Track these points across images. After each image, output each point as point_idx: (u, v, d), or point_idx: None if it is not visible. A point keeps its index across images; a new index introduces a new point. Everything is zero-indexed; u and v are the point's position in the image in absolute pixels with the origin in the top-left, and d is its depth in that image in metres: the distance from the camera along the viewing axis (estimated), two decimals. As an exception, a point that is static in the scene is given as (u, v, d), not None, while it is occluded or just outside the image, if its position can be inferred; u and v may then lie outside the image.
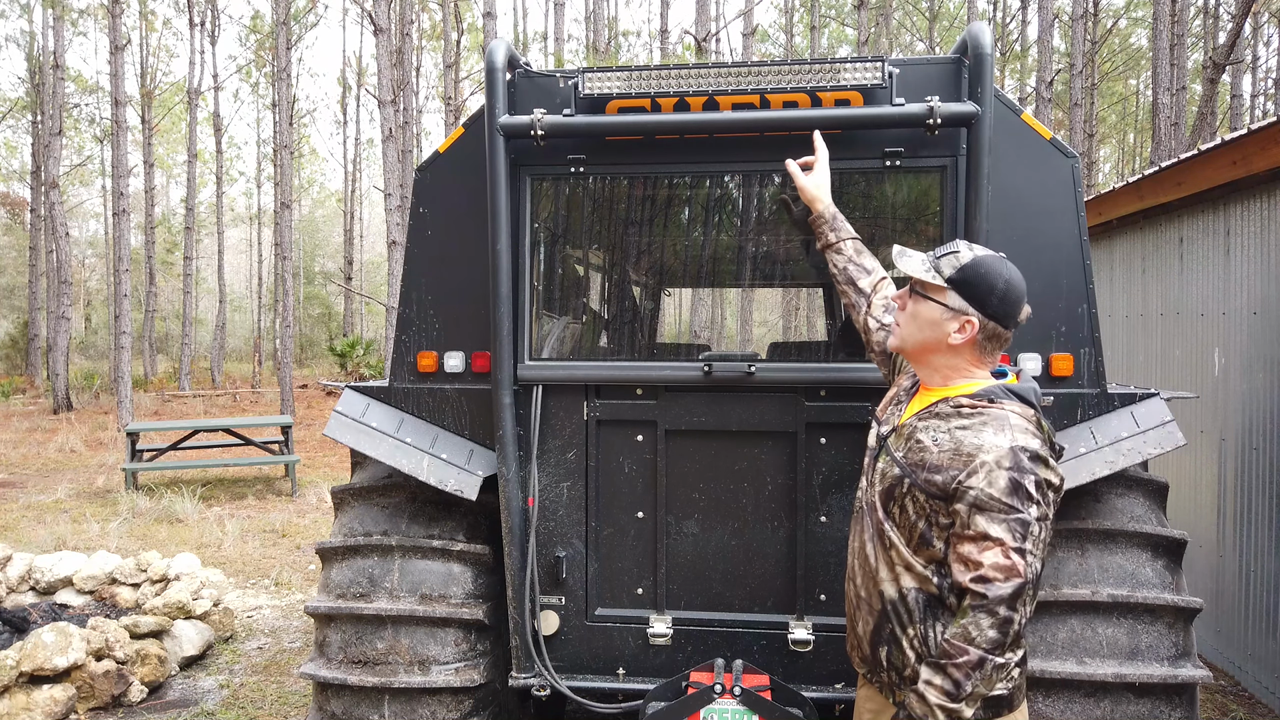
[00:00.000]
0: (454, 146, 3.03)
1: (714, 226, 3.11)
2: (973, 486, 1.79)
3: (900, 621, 1.95)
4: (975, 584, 1.76)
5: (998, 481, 1.78)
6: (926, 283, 1.98)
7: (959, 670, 1.76)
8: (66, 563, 5.46)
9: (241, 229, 39.94)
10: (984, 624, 1.75)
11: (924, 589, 1.92)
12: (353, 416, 3.06)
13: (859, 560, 2.07)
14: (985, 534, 1.77)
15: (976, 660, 1.75)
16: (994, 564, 1.75)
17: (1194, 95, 20.41)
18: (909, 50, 29.19)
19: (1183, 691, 2.69)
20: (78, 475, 11.72)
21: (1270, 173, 4.37)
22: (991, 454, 1.80)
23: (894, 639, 1.97)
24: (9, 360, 28.84)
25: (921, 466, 1.90)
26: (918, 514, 1.90)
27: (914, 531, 1.92)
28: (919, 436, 1.94)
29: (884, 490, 1.99)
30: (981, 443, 1.82)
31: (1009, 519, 1.76)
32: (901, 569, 1.94)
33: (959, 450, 1.85)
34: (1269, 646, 4.42)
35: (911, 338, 2.02)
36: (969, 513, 1.80)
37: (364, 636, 2.94)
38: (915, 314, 2.00)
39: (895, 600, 1.96)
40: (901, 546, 1.94)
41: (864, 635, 2.05)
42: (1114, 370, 6.26)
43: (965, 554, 1.80)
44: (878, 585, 1.99)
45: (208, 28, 27.46)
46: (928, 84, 2.75)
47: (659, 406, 2.97)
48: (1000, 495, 1.77)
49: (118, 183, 16.86)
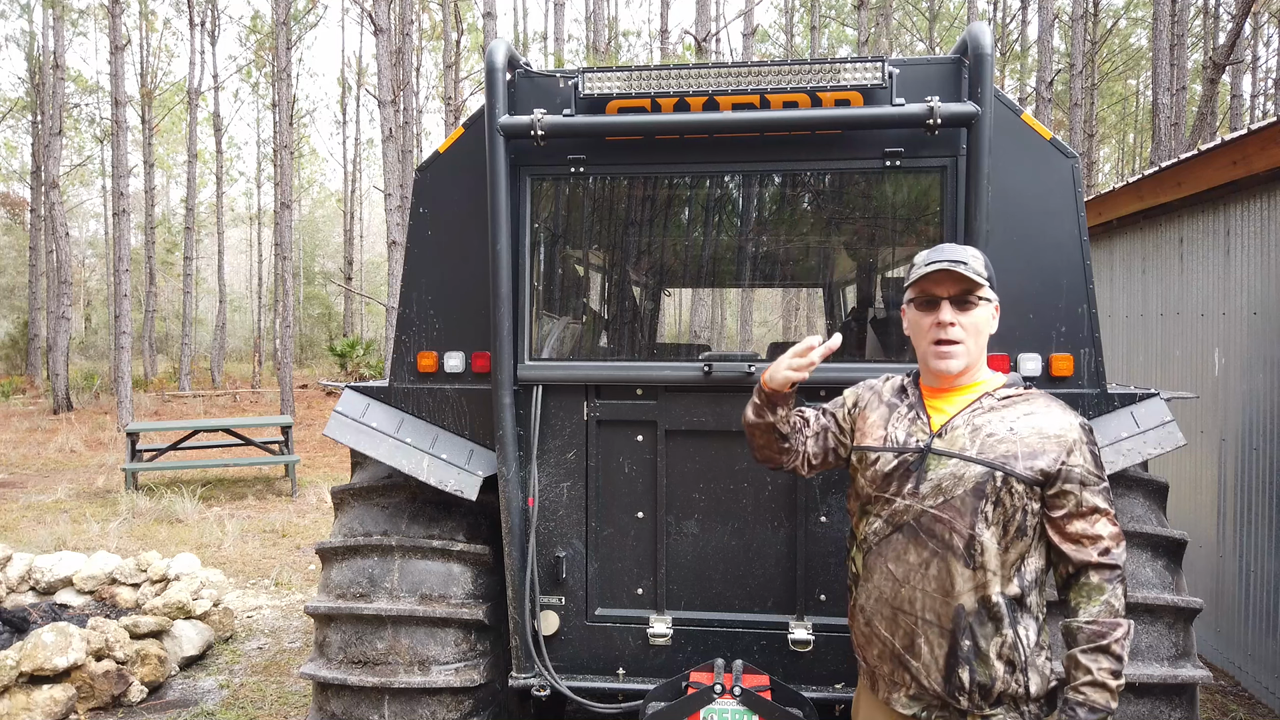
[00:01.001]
0: (454, 146, 3.03)
1: (714, 226, 3.11)
2: (1075, 464, 1.88)
3: (984, 633, 1.90)
4: (1104, 556, 1.85)
5: (1088, 455, 1.90)
6: (979, 285, 1.99)
7: (1120, 645, 1.82)
8: (66, 563, 5.45)
9: (241, 229, 39.93)
10: (1120, 592, 1.84)
11: (1006, 592, 1.90)
12: (353, 416, 3.06)
13: (917, 581, 1.96)
14: (1095, 507, 1.87)
15: (1127, 629, 1.83)
16: (1111, 534, 1.86)
17: (1194, 95, 20.41)
18: (909, 50, 29.18)
19: (1183, 691, 2.69)
20: (78, 475, 11.72)
21: (1270, 173, 4.37)
22: (1073, 432, 1.91)
23: (977, 654, 1.90)
24: (9, 360, 28.84)
25: (1014, 456, 1.90)
26: (1015, 505, 1.90)
27: (1010, 525, 1.90)
28: (990, 430, 1.94)
29: (968, 492, 1.91)
30: (1061, 422, 1.92)
31: (1101, 488, 1.90)
32: (989, 574, 1.90)
33: (1044, 433, 1.91)
34: (1269, 646, 4.41)
35: (977, 348, 2.03)
36: (1079, 490, 1.88)
37: (364, 636, 2.94)
38: (976, 323, 2.01)
39: (975, 611, 1.90)
40: (992, 548, 1.90)
41: (934, 662, 1.94)
42: (1114, 370, 6.26)
43: (1079, 531, 1.87)
44: (952, 601, 1.92)
45: (208, 28, 27.46)
46: (928, 84, 2.75)
47: (659, 406, 2.97)
48: (1093, 469, 1.90)
49: (118, 183, 16.86)
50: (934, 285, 2.01)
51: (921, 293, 2.03)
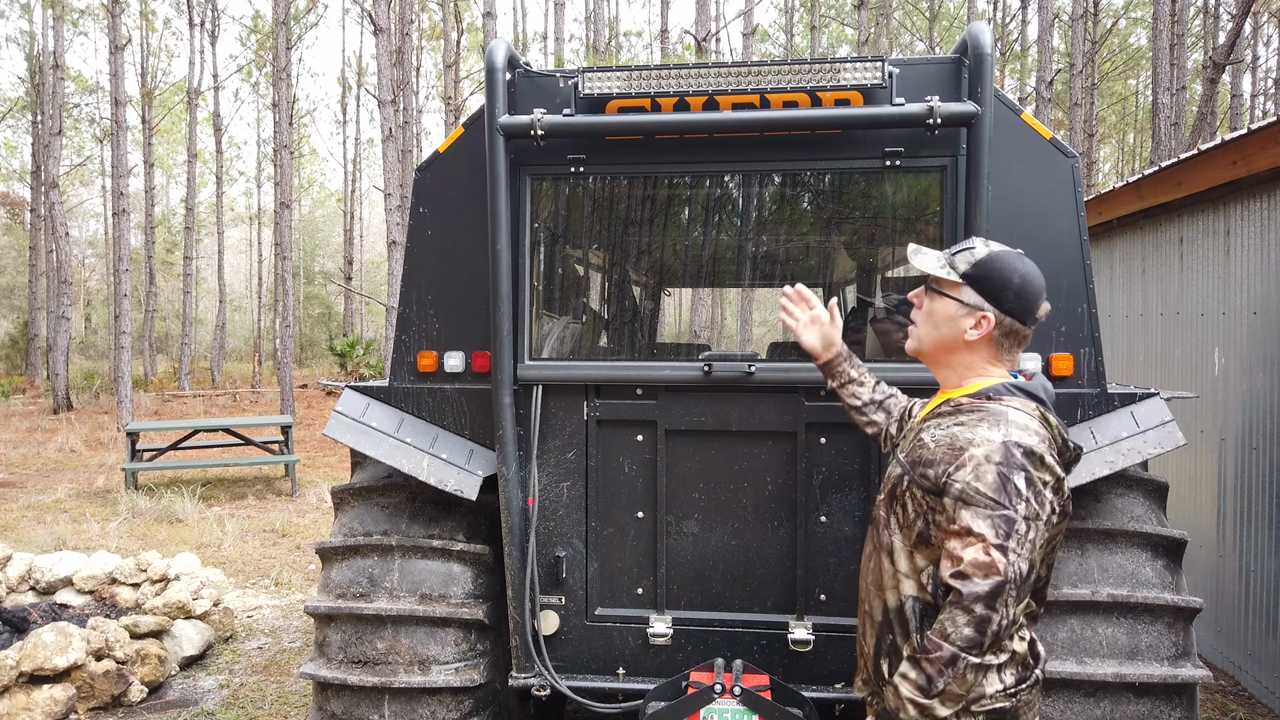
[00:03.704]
0: (454, 146, 3.03)
1: (714, 226, 3.11)
2: (958, 480, 1.76)
3: (900, 631, 1.92)
4: (954, 579, 1.72)
5: (985, 476, 1.73)
6: (942, 279, 1.96)
7: (931, 665, 1.72)
8: (66, 563, 5.45)
9: (241, 229, 39.92)
10: (960, 620, 1.70)
11: (920, 597, 1.89)
12: (353, 416, 3.06)
13: (865, 573, 2.05)
14: (969, 529, 1.72)
15: (949, 657, 1.70)
16: (973, 560, 1.70)
17: (1194, 95, 20.40)
18: (909, 50, 29.18)
19: (1182, 691, 2.69)
20: (78, 475, 11.72)
21: (1270, 172, 4.37)
22: (982, 448, 1.76)
23: (894, 650, 1.93)
24: (9, 360, 28.84)
25: (919, 462, 1.88)
26: (916, 512, 1.88)
27: (913, 531, 1.89)
28: (922, 435, 1.94)
29: (888, 491, 1.98)
30: (974, 437, 1.79)
31: (993, 515, 1.71)
32: (902, 576, 1.91)
33: (953, 444, 1.82)
34: (1269, 646, 4.41)
35: (928, 337, 2.00)
36: (954, 506, 1.76)
37: (364, 636, 2.94)
38: (931, 312, 1.98)
39: (895, 610, 1.93)
40: (900, 550, 1.92)
41: (869, 650, 2.01)
42: (1114, 370, 6.26)
43: (950, 549, 1.76)
44: (881, 595, 1.97)
45: (208, 27, 27.45)
46: (928, 84, 2.75)
47: (659, 406, 2.97)
48: (986, 490, 1.72)
49: (118, 182, 16.86)
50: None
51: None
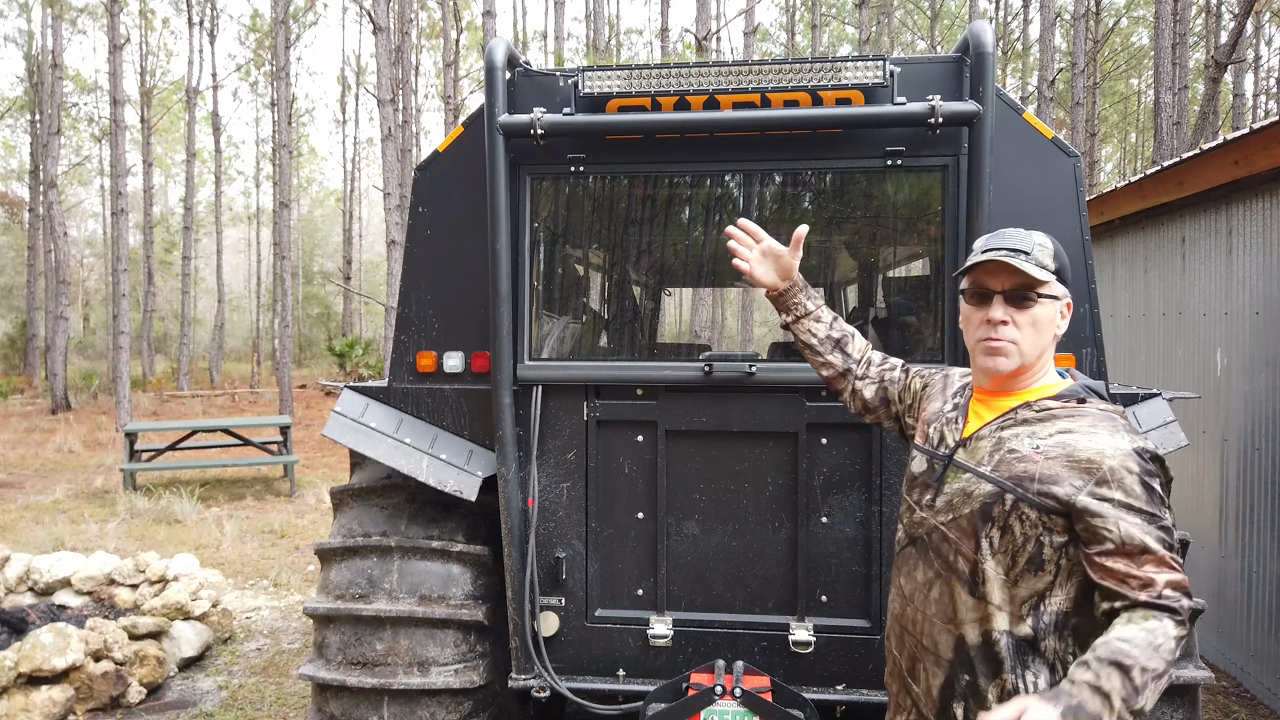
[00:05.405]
0: (453, 146, 3.02)
1: (714, 226, 3.10)
2: (1110, 496, 1.59)
3: (984, 671, 1.70)
4: (1157, 599, 1.55)
5: (1133, 488, 1.59)
6: (1041, 282, 1.72)
7: (1142, 676, 1.48)
8: (65, 563, 5.44)
9: (240, 228, 39.91)
10: (1170, 630, 1.53)
11: (1014, 632, 1.68)
12: (352, 417, 3.05)
13: (920, 602, 1.80)
14: (1144, 546, 1.57)
15: (1161, 671, 1.50)
16: (1169, 580, 1.56)
17: (1196, 94, 20.39)
18: (910, 49, 29.18)
19: (1185, 692, 2.68)
20: (76, 476, 11.70)
21: (1272, 172, 4.36)
22: (1116, 459, 1.61)
23: (975, 693, 1.71)
24: (7, 360, 28.81)
25: (1030, 479, 1.66)
26: (1026, 534, 1.66)
27: (1020, 556, 1.67)
28: (1012, 446, 1.71)
29: (975, 512, 1.72)
30: (1102, 447, 1.62)
31: (1153, 527, 1.58)
32: (993, 609, 1.69)
33: (1073, 457, 1.63)
34: (1271, 647, 4.40)
35: (1034, 348, 1.74)
36: (1116, 526, 1.58)
37: (363, 638, 2.93)
38: (1036, 320, 1.72)
39: (977, 646, 1.71)
40: (995, 578, 1.69)
41: (929, 691, 1.78)
42: (1116, 370, 6.25)
43: (1124, 571, 1.57)
44: (955, 630, 1.73)
45: (207, 26, 27.43)
46: (929, 83, 2.74)
47: (659, 407, 2.96)
48: (1140, 504, 1.59)
49: (116, 182, 16.84)
50: (988, 277, 1.75)
51: (974, 284, 1.77)
